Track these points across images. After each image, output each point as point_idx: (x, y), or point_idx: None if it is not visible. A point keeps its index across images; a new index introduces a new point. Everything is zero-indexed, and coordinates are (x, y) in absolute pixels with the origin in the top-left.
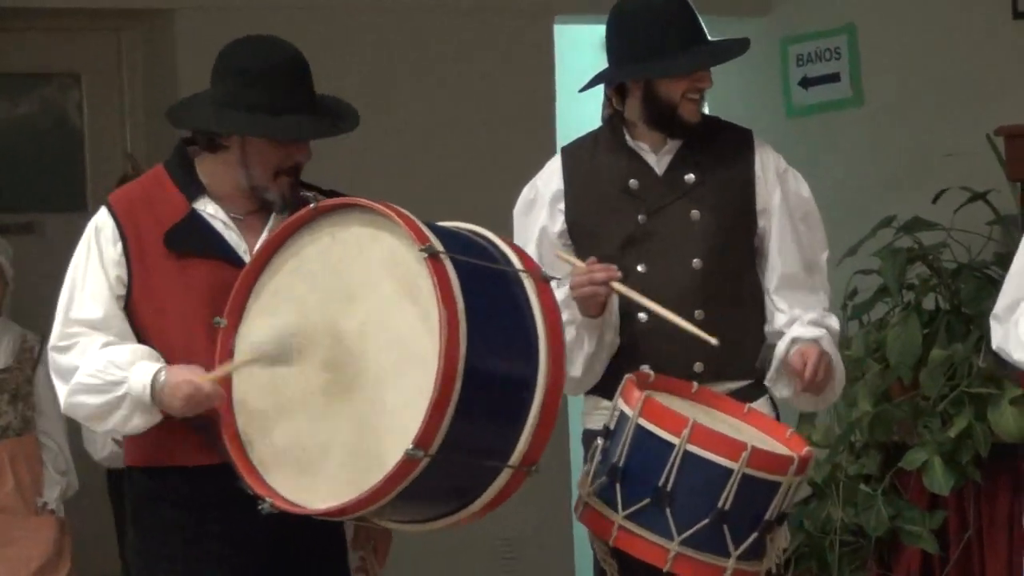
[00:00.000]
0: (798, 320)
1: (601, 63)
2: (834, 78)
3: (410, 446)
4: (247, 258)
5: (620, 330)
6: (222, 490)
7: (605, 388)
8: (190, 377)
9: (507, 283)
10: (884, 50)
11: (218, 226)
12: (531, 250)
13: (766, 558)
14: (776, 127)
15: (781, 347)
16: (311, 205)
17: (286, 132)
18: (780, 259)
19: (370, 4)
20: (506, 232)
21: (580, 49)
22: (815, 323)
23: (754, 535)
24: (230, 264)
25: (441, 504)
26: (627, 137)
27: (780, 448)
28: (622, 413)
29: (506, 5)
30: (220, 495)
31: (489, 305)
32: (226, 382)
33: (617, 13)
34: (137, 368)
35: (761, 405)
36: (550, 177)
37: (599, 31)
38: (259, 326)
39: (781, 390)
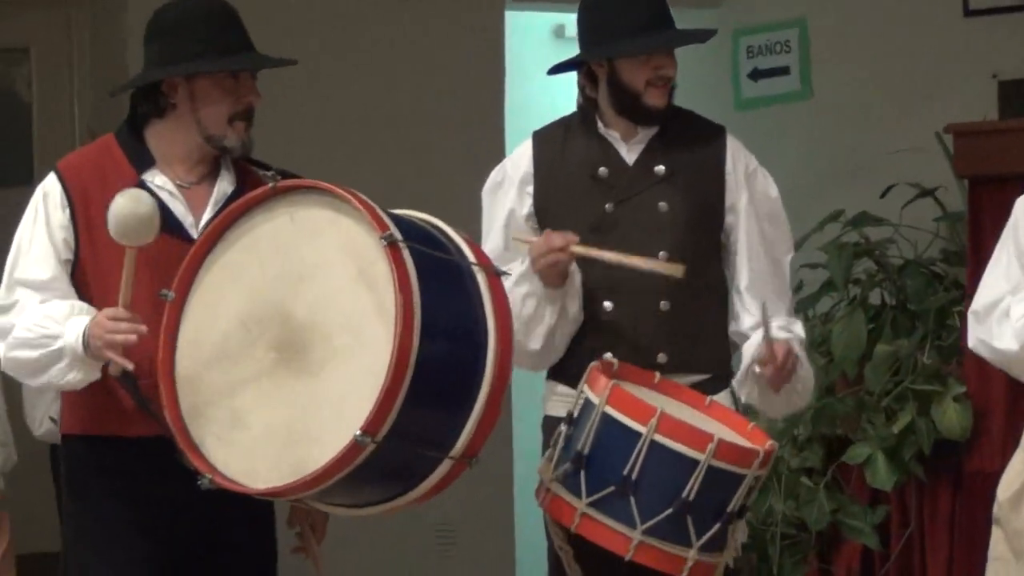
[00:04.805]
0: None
1: (551, 50)
2: (784, 71)
3: (358, 432)
4: (193, 232)
5: (584, 319)
6: (159, 462)
7: (567, 374)
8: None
9: (460, 275)
10: (834, 45)
11: (165, 198)
12: (497, 231)
13: (727, 550)
14: (724, 119)
15: (750, 349)
16: (270, 184)
17: (232, 64)
18: (747, 260)
19: None
20: (461, 217)
21: (530, 36)
22: (783, 328)
23: (716, 526)
24: (176, 237)
25: (379, 491)
26: (599, 124)
27: (744, 441)
28: (587, 400)
29: None
30: (157, 467)
31: (443, 296)
32: (168, 358)
33: None
34: (73, 321)
35: (722, 398)
36: (519, 159)
37: (550, 18)
38: (206, 301)
39: (749, 392)
